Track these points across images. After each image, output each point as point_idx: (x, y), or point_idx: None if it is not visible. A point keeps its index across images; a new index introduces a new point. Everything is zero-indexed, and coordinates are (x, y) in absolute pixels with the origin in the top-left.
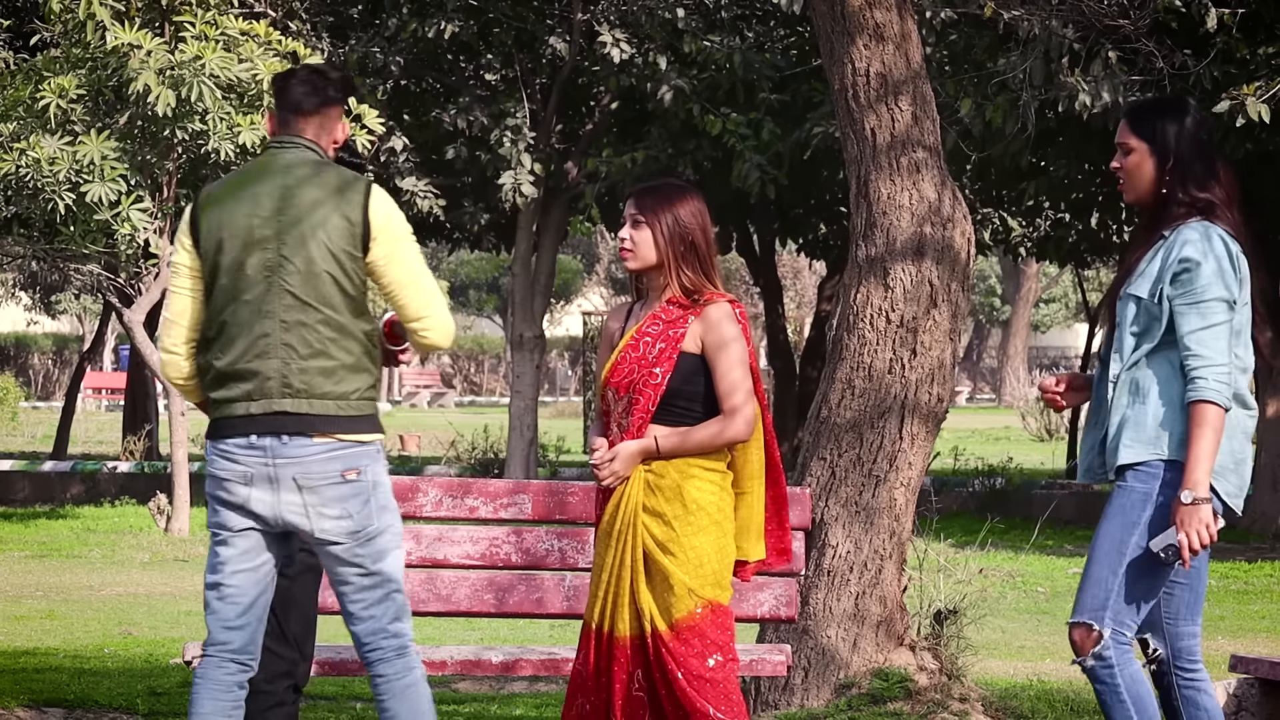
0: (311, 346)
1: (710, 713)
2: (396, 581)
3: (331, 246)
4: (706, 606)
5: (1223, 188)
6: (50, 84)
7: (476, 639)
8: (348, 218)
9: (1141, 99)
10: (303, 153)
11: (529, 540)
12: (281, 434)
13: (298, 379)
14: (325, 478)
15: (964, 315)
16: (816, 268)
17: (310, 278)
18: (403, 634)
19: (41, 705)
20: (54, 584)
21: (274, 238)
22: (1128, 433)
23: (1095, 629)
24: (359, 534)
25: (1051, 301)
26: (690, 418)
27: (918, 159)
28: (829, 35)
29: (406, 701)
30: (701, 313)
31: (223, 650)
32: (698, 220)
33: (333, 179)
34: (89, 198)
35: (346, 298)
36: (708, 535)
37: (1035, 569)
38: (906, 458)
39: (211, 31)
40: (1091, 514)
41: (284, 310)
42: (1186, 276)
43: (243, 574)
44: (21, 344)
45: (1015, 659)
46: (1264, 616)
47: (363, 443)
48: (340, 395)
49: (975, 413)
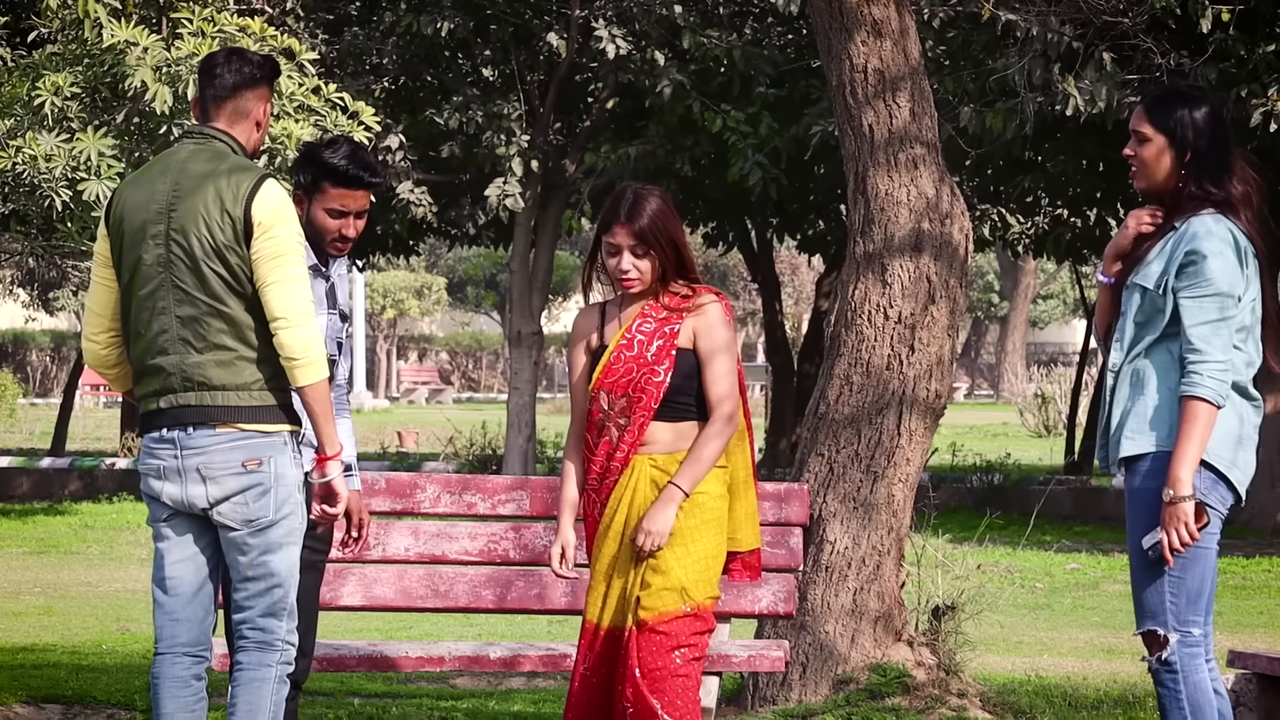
0: (206, 340)
1: (657, 710)
2: (279, 577)
3: (213, 241)
4: (694, 608)
5: (1240, 182)
6: (47, 81)
7: (475, 635)
8: (229, 212)
9: (1161, 88)
10: (208, 144)
11: (528, 536)
12: (187, 426)
13: (196, 372)
14: (226, 468)
15: (962, 311)
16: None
17: (196, 273)
18: (270, 630)
19: (40, 701)
20: (52, 580)
21: (164, 232)
22: (1130, 424)
23: (1161, 634)
24: (253, 523)
25: (1049, 298)
26: (688, 414)
27: (916, 155)
28: (827, 31)
29: (249, 693)
30: (696, 311)
31: (174, 646)
32: (675, 223)
33: (224, 171)
34: (86, 195)
35: (234, 292)
36: (709, 532)
37: (1033, 564)
38: (905, 453)
39: (208, 28)
40: (1089, 509)
41: (176, 305)
42: (1193, 269)
43: (180, 564)
44: (19, 341)
45: (1013, 654)
46: (1261, 612)
47: (266, 433)
48: (240, 386)
49: (973, 408)
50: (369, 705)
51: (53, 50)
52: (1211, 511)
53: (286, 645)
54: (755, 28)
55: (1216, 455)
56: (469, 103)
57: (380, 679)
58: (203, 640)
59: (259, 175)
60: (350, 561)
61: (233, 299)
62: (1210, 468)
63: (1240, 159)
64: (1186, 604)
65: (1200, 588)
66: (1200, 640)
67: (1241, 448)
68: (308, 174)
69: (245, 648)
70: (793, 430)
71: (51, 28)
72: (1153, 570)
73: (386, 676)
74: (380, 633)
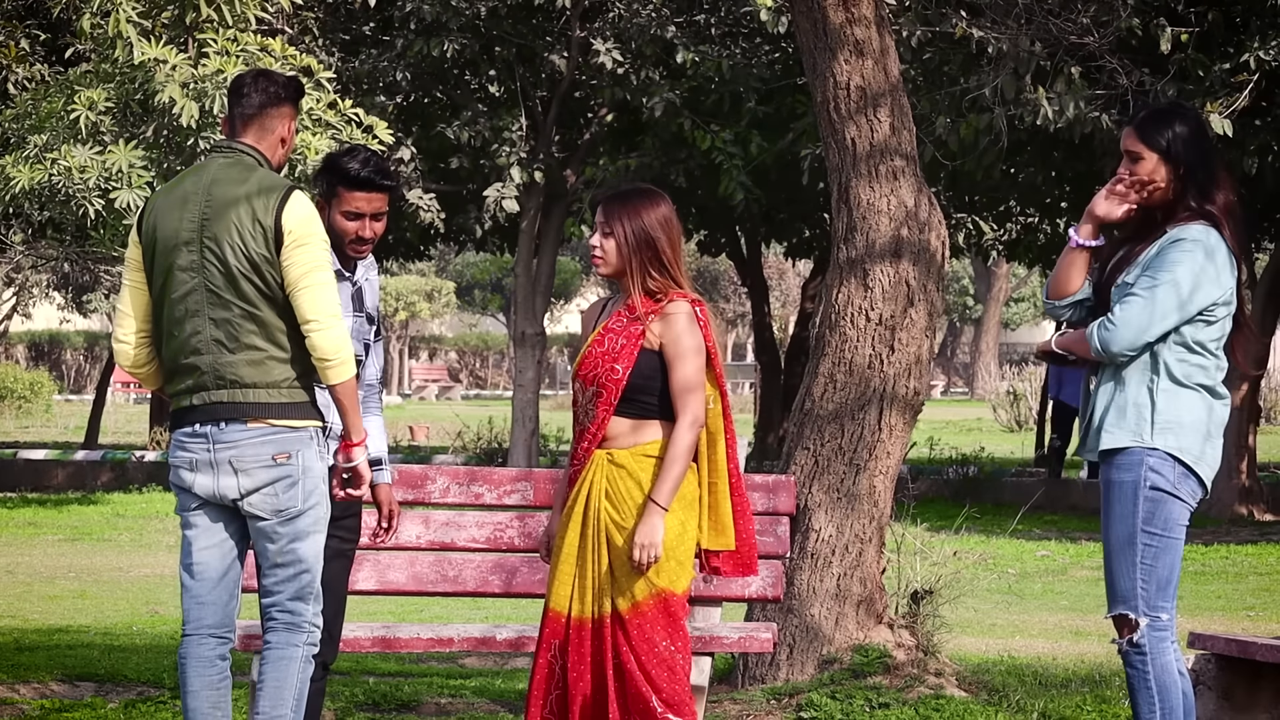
0: (238, 340)
1: (652, 701)
2: (307, 563)
3: (245, 248)
4: (657, 595)
5: (1224, 195)
6: (81, 97)
7: (482, 617)
8: (260, 221)
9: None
10: (237, 157)
11: (532, 525)
12: (219, 421)
13: (228, 371)
14: (257, 460)
15: (939, 313)
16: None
17: (229, 277)
18: (299, 613)
19: (74, 679)
20: (85, 566)
21: (197, 239)
22: (1110, 418)
23: (1132, 617)
24: (282, 513)
25: (1021, 301)
26: (650, 412)
27: (895, 167)
28: (812, 50)
29: (277, 670)
30: (663, 313)
31: (200, 627)
32: (661, 225)
33: (254, 184)
34: (118, 204)
35: (264, 297)
36: (668, 519)
37: (1006, 552)
38: (885, 447)
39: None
40: (1058, 501)
41: (209, 308)
42: (1160, 259)
43: (207, 550)
44: (55, 341)
45: (987, 636)
46: (1220, 596)
47: (294, 428)
48: (270, 384)
49: (949, 405)
50: (382, 684)
51: (86, 68)
52: (1182, 504)
53: (313, 627)
54: (744, 47)
55: (1186, 450)
56: (476, 118)
57: (393, 659)
58: (227, 623)
59: (287, 187)
60: (364, 549)
61: (264, 303)
62: (1180, 462)
63: (1225, 174)
64: (1157, 590)
65: (1170, 575)
66: (1168, 625)
67: (1209, 442)
68: (325, 181)
69: (274, 629)
70: (780, 425)
71: (85, 47)
72: (1127, 558)
73: (399, 656)
74: (393, 615)
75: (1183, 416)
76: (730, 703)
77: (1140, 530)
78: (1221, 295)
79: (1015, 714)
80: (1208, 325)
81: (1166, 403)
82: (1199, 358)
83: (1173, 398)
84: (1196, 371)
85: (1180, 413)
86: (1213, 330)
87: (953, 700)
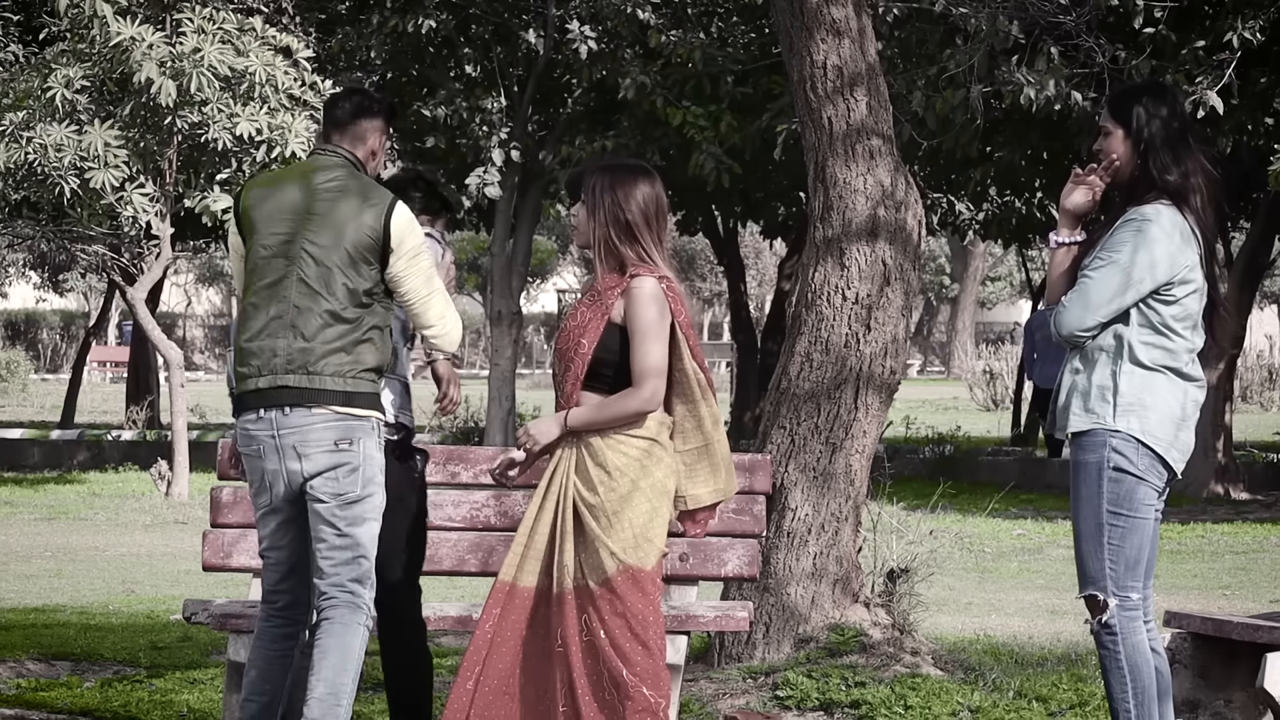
0: (315, 329)
1: (623, 674)
2: (364, 548)
3: (346, 246)
4: (626, 571)
5: (1195, 175)
6: (57, 76)
7: (459, 596)
8: (368, 225)
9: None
10: (336, 159)
11: (508, 504)
12: (285, 406)
13: (300, 357)
14: (320, 445)
15: (915, 293)
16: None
17: (322, 270)
18: (358, 594)
19: (50, 658)
20: (62, 545)
21: (297, 231)
22: (1075, 401)
23: (1101, 598)
24: (342, 497)
25: (997, 280)
26: (619, 386)
27: (872, 146)
28: (789, 30)
29: (343, 639)
30: (628, 287)
31: (271, 607)
32: (637, 200)
33: (357, 187)
34: (93, 183)
35: (351, 293)
36: (628, 500)
37: (982, 530)
38: (861, 426)
39: (209, 26)
40: (1034, 479)
41: (297, 296)
42: (1110, 239)
43: (278, 550)
44: (31, 320)
45: (963, 615)
46: (1195, 575)
47: (358, 417)
48: (337, 373)
49: (926, 384)
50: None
51: (63, 47)
52: (1148, 487)
53: (370, 607)
54: (721, 26)
55: (1155, 437)
56: (452, 96)
57: (372, 638)
58: (297, 607)
59: (393, 198)
60: None
61: (349, 299)
62: (1149, 449)
63: (1198, 153)
64: (1125, 571)
65: (1138, 555)
66: (1138, 604)
67: (1181, 429)
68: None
69: (337, 607)
70: (757, 404)
71: (62, 26)
72: (1095, 539)
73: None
74: None
75: (1147, 399)
76: (706, 681)
77: (1106, 511)
78: (1176, 274)
79: (991, 692)
80: (1166, 305)
81: (1129, 385)
82: (1164, 339)
83: (1137, 380)
84: (1162, 354)
85: (1144, 396)
86: (1174, 310)
87: (929, 679)
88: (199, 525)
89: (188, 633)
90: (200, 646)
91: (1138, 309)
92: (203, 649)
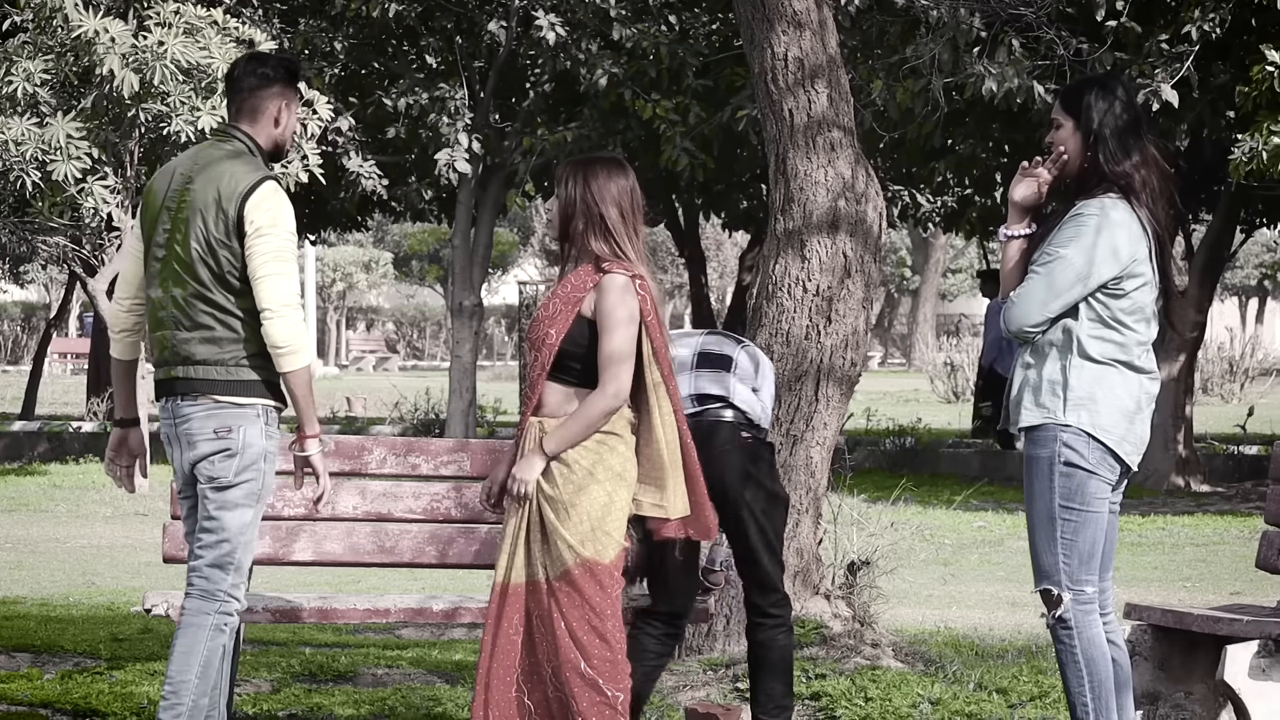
0: (192, 319)
1: (581, 666)
2: (229, 534)
3: (206, 233)
4: (583, 564)
5: (1145, 167)
6: (18, 68)
7: (419, 588)
8: (224, 209)
9: (1080, 78)
10: (227, 142)
11: (468, 496)
12: (178, 396)
13: (183, 348)
14: (202, 434)
15: (876, 285)
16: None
17: (190, 258)
18: (214, 580)
19: (10, 650)
20: (22, 536)
21: (171, 220)
22: (1026, 395)
23: (1055, 592)
24: (214, 482)
25: (958, 272)
26: (583, 381)
27: (833, 139)
28: (750, 22)
29: (186, 637)
30: (599, 282)
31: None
32: (610, 194)
33: (227, 170)
34: (55, 175)
35: (218, 277)
36: (583, 490)
37: (943, 523)
38: (822, 418)
39: (174, 19)
40: (995, 471)
41: (172, 285)
42: (1057, 234)
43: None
44: None
45: (924, 607)
46: (1155, 567)
47: (239, 405)
48: (218, 362)
49: (887, 376)
50: (319, 654)
51: (24, 39)
52: (1099, 481)
53: (228, 598)
54: (684, 18)
55: (1106, 431)
56: (414, 86)
57: (330, 630)
58: None
59: (258, 177)
60: (302, 519)
61: (218, 286)
62: (1100, 443)
63: (1150, 145)
64: (1079, 565)
65: (1092, 549)
66: (1093, 598)
67: (1134, 422)
68: None
69: (190, 594)
70: None
71: (24, 18)
72: (1048, 534)
73: (336, 628)
74: (330, 586)
75: (1098, 393)
76: (667, 674)
77: (1058, 506)
78: (1124, 268)
79: (951, 684)
80: (1115, 299)
81: (1079, 379)
82: (1114, 333)
83: (1087, 374)
84: (1112, 348)
85: (1095, 390)
86: (1123, 303)
87: (889, 671)
88: (159, 517)
89: (148, 624)
90: (161, 638)
91: (1087, 303)
92: (163, 641)
